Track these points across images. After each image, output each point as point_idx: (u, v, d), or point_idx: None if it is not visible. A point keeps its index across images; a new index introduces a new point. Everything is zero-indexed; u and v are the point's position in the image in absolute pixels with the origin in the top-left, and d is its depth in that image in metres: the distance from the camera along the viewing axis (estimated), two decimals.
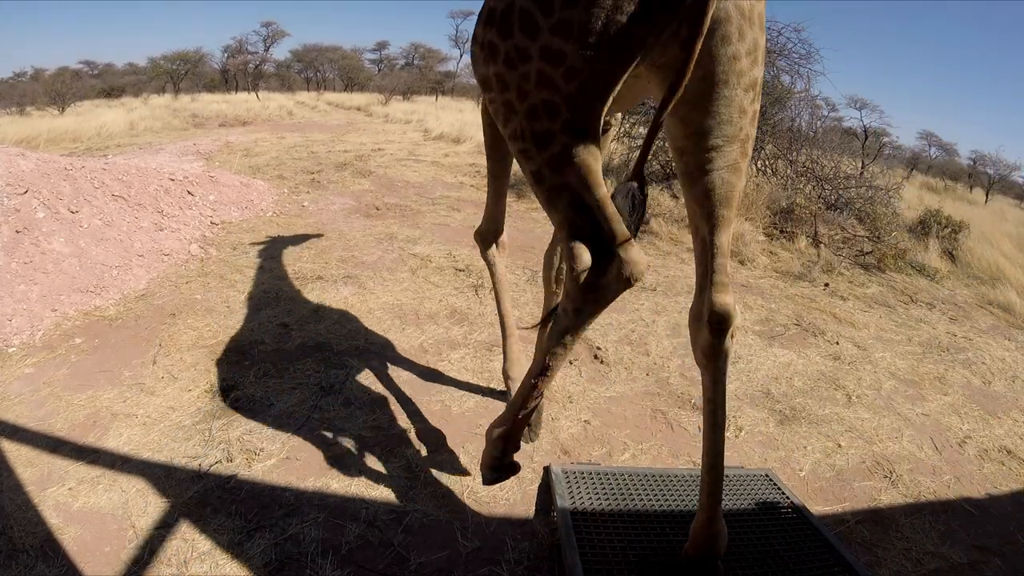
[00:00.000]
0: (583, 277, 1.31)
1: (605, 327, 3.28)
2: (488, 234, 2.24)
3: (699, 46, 1.16)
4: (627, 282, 1.31)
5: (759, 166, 6.53)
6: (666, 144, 6.70)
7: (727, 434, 2.43)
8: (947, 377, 3.18)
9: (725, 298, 1.45)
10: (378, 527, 1.80)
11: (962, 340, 3.76)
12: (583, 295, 1.34)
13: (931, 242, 5.63)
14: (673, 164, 6.75)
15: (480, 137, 2.97)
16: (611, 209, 1.31)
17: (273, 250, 4.12)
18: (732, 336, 1.50)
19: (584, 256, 1.31)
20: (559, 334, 1.40)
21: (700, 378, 1.42)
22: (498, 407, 2.46)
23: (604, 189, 1.33)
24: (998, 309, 4.53)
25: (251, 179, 5.95)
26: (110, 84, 25.55)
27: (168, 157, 7.75)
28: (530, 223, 5.52)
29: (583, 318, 1.37)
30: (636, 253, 1.31)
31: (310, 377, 2.56)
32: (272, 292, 3.38)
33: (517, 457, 1.55)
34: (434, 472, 2.06)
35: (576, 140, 1.29)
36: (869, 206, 5.67)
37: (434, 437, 2.24)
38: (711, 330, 1.45)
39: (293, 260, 3.90)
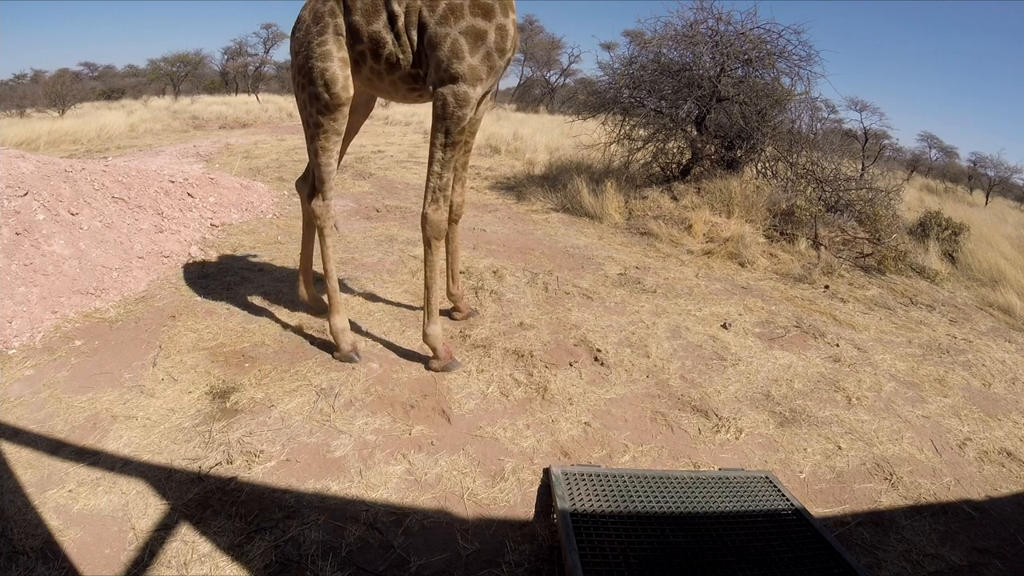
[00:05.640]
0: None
1: (605, 329, 3.28)
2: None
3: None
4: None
5: (759, 168, 6.53)
6: (667, 146, 6.72)
7: (727, 436, 2.44)
8: (947, 379, 3.18)
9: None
10: (378, 529, 1.80)
11: (962, 342, 3.76)
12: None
13: (931, 244, 5.62)
14: (671, 167, 6.76)
15: (480, 140, 3.01)
16: None
17: (273, 252, 4.12)
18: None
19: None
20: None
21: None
22: (498, 408, 2.46)
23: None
24: (998, 311, 4.53)
25: (251, 181, 5.96)
26: (110, 86, 25.58)
27: (168, 159, 7.77)
28: (529, 224, 5.52)
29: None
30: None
31: (310, 379, 2.56)
32: (272, 294, 3.38)
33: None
34: (434, 474, 2.06)
35: None
36: (869, 208, 5.66)
37: (434, 438, 2.24)
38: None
39: (293, 262, 3.90)
